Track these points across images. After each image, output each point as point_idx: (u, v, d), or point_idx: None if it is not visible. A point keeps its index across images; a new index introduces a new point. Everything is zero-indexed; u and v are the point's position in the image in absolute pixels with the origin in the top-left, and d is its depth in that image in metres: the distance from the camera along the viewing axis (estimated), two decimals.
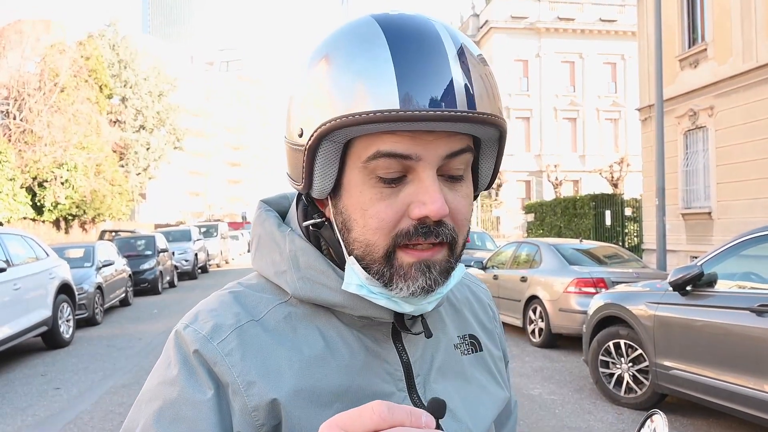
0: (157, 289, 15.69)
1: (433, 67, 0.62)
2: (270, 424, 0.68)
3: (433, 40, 0.64)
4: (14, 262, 7.76)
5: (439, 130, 0.65)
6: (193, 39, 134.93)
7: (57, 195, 22.91)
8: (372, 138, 0.65)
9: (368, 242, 0.68)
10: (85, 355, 8.14)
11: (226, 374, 0.68)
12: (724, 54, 13.28)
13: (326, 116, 0.64)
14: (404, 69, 0.62)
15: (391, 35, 0.64)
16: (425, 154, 0.65)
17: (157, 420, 0.66)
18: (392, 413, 0.45)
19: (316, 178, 0.69)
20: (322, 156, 0.68)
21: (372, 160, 0.65)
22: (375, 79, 0.62)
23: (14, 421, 5.35)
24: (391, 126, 0.63)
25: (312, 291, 0.73)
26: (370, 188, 0.67)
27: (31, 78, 23.89)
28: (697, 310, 4.59)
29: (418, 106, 0.61)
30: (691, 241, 14.37)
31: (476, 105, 0.63)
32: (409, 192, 0.66)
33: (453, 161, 0.67)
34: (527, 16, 37.04)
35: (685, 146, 14.78)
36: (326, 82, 0.65)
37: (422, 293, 0.67)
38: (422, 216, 0.65)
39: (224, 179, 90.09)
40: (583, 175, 36.19)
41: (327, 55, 0.67)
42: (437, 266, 0.68)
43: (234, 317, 0.72)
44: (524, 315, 8.55)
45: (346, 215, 0.69)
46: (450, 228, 0.67)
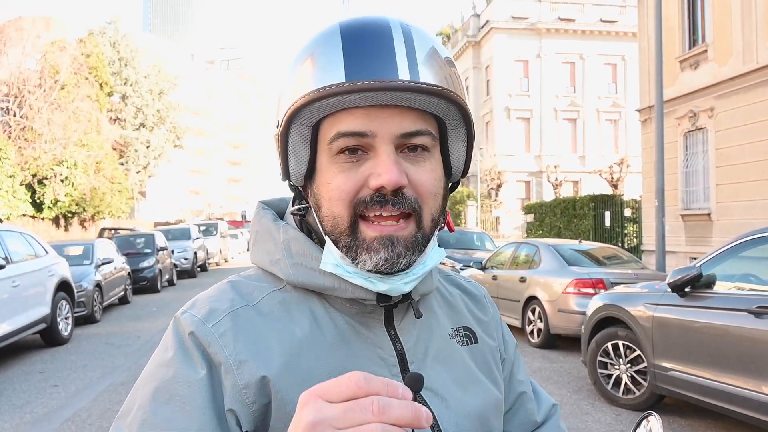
0: (156, 287, 15.69)
1: (378, 48, 0.68)
2: (260, 402, 0.70)
3: (381, 28, 0.70)
4: (13, 259, 7.76)
5: (390, 103, 0.69)
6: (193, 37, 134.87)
7: (57, 192, 22.88)
8: (333, 120, 0.72)
9: (334, 215, 0.73)
10: (83, 353, 8.13)
11: (218, 354, 0.71)
12: (725, 55, 13.28)
13: (290, 103, 0.72)
14: (350, 50, 0.68)
15: (345, 28, 0.71)
16: (380, 130, 0.70)
17: (152, 399, 0.69)
18: (369, 383, 0.47)
19: (291, 163, 0.76)
20: (292, 140, 0.74)
21: (334, 141, 0.71)
22: (325, 63, 0.69)
23: (12, 418, 5.35)
24: (341, 100, 0.69)
25: (304, 276, 0.77)
26: (334, 165, 0.72)
27: (32, 75, 23.86)
28: (696, 312, 4.59)
29: (360, 79, 0.67)
30: (691, 242, 14.38)
31: (419, 77, 0.68)
32: (368, 166, 0.71)
33: (411, 140, 0.72)
34: (528, 17, 37.04)
35: (684, 147, 14.78)
36: (291, 77, 0.74)
37: (385, 265, 0.71)
38: (378, 186, 0.69)
39: (224, 178, 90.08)
40: (582, 175, 36.20)
41: (295, 57, 0.75)
42: (402, 241, 0.71)
43: (229, 302, 0.76)
44: (523, 315, 8.55)
45: (317, 195, 0.75)
46: (411, 198, 0.71)
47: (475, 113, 39.07)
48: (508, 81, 36.80)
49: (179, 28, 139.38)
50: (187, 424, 0.67)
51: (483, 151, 34.44)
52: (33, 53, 24.52)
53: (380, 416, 0.45)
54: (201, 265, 22.24)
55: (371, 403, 0.46)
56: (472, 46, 39.41)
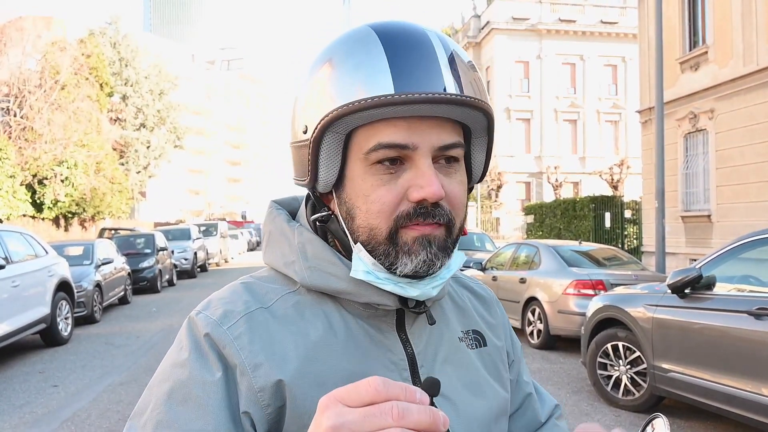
0: (156, 287, 15.68)
1: (423, 58, 0.69)
2: (275, 405, 0.71)
3: (421, 37, 0.71)
4: (13, 259, 7.76)
5: (432, 115, 0.70)
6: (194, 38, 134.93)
7: (57, 192, 22.88)
8: (372, 129, 0.71)
9: (371, 226, 0.72)
10: (83, 353, 8.13)
11: (234, 356, 0.71)
12: (725, 57, 13.28)
13: (328, 109, 0.70)
14: (396, 60, 0.68)
15: (384, 35, 0.71)
16: (421, 143, 0.70)
17: (167, 400, 0.70)
18: (387, 388, 0.48)
19: (321, 170, 0.74)
20: (325, 148, 0.73)
21: (373, 151, 0.70)
22: (371, 71, 0.68)
23: (11, 419, 5.35)
24: (387, 111, 0.68)
25: (319, 279, 0.77)
26: (371, 176, 0.72)
27: (32, 75, 23.87)
28: (696, 313, 4.59)
29: (410, 91, 0.67)
30: (691, 243, 14.38)
31: (463, 90, 0.69)
32: (408, 177, 0.71)
33: (447, 152, 0.73)
34: (528, 18, 37.05)
35: (685, 149, 14.78)
36: (327, 81, 0.72)
37: (424, 267, 0.72)
38: (420, 198, 0.70)
39: (224, 178, 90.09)
40: (583, 176, 36.19)
41: (327, 58, 0.73)
42: (436, 241, 0.72)
43: (244, 304, 0.76)
44: (523, 316, 8.55)
45: (349, 204, 0.74)
46: (447, 210, 0.72)
47: None
48: (509, 82, 36.80)
49: (180, 29, 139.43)
50: (202, 425, 0.67)
51: None
52: (33, 53, 24.54)
53: (400, 421, 0.46)
54: (201, 266, 22.22)
55: (391, 407, 0.47)
56: (472, 47, 39.41)
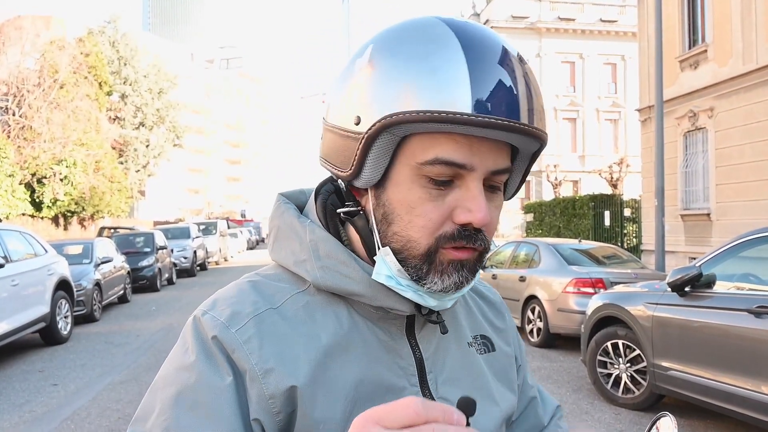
0: (156, 286, 15.68)
1: (504, 77, 0.64)
2: (286, 411, 0.69)
3: (502, 51, 0.66)
4: (12, 258, 7.75)
5: (496, 138, 0.66)
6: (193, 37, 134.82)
7: (56, 191, 22.87)
8: (430, 139, 0.66)
9: (410, 238, 0.69)
10: (82, 352, 8.13)
11: (244, 361, 0.68)
12: (725, 55, 13.28)
13: (392, 108, 0.64)
14: (478, 74, 0.63)
15: (464, 39, 0.65)
16: (478, 165, 0.67)
17: (174, 405, 0.67)
18: (427, 410, 0.47)
19: (366, 167, 0.69)
20: (378, 147, 0.68)
21: (429, 164, 0.66)
22: (449, 80, 0.63)
23: (11, 417, 5.34)
24: (455, 128, 0.64)
25: (332, 280, 0.74)
26: (420, 188, 0.68)
27: (31, 74, 23.84)
28: (696, 311, 4.59)
29: (488, 113, 0.62)
30: (690, 242, 14.38)
31: (534, 119, 0.66)
32: (456, 197, 0.68)
33: (498, 177, 0.70)
34: (528, 16, 37.03)
35: (684, 147, 14.78)
36: (394, 74, 0.65)
37: (454, 289, 0.70)
38: (467, 222, 0.67)
39: (224, 177, 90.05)
40: (582, 175, 36.19)
41: (393, 47, 0.67)
42: (468, 264, 0.71)
43: (252, 305, 0.73)
44: (523, 315, 8.55)
45: (388, 209, 0.70)
46: (485, 236, 0.71)
47: None
48: None
49: (178, 28, 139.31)
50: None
51: None
52: (32, 52, 24.51)
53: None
54: (200, 264, 22.22)
55: (431, 430, 0.46)
56: None
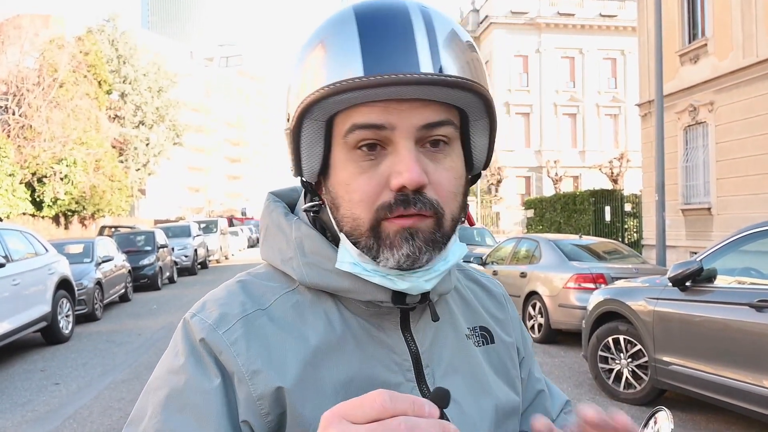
0: (157, 284, 15.69)
1: (397, 36, 0.64)
2: (275, 412, 0.68)
3: (400, 15, 0.66)
4: (13, 257, 7.75)
5: (409, 97, 0.65)
6: (192, 35, 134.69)
7: (56, 191, 22.86)
8: (349, 113, 0.67)
9: (354, 216, 0.69)
10: (84, 351, 8.14)
11: (231, 363, 0.68)
12: (725, 49, 13.25)
13: (302, 97, 0.68)
14: (369, 41, 0.64)
15: (361, 15, 0.66)
16: (399, 123, 0.66)
17: (164, 408, 0.67)
18: (394, 403, 0.45)
19: (303, 159, 0.72)
20: (305, 136, 0.70)
21: (349, 133, 0.67)
22: (342, 54, 0.65)
23: (14, 416, 5.35)
24: (358, 95, 0.64)
25: (317, 276, 0.73)
26: (352, 163, 0.68)
27: (30, 73, 23.82)
28: (697, 306, 4.59)
29: (381, 72, 0.63)
30: (691, 236, 14.37)
31: (443, 69, 0.64)
32: (388, 164, 0.67)
33: (432, 132, 0.67)
34: (527, 12, 36.98)
35: (685, 142, 14.77)
36: (303, 68, 0.69)
37: (407, 261, 0.67)
38: (400, 185, 0.65)
39: (224, 175, 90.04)
40: (582, 170, 36.18)
41: (305, 45, 0.71)
42: (421, 235, 0.68)
43: (240, 306, 0.73)
44: (524, 311, 8.55)
45: (333, 193, 0.71)
46: (432, 199, 0.67)
47: None
48: (508, 76, 36.75)
49: (178, 26, 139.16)
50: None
51: None
52: (31, 51, 24.48)
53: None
54: (201, 263, 22.23)
55: (398, 424, 0.44)
56: None
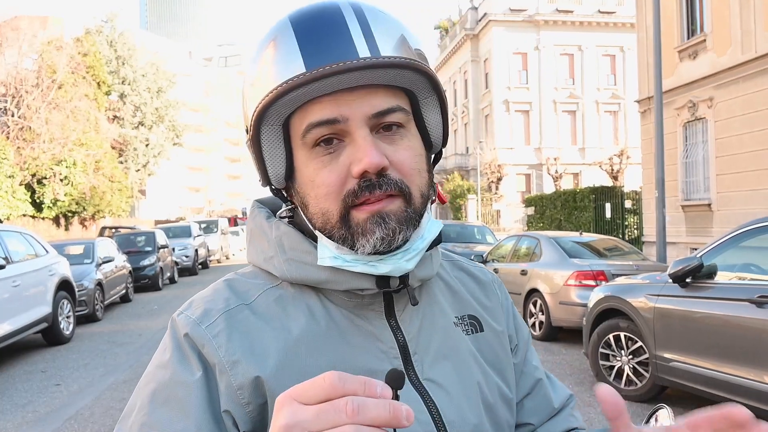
0: (158, 285, 15.71)
1: (331, 30, 0.67)
2: (256, 402, 0.70)
3: (330, 10, 0.69)
4: (14, 258, 7.75)
5: (353, 85, 0.68)
6: (190, 35, 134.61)
7: (56, 192, 22.87)
8: (302, 112, 0.70)
9: (323, 211, 0.71)
10: (85, 352, 8.14)
11: (213, 355, 0.70)
12: (723, 45, 13.24)
13: (254, 106, 0.71)
14: (306, 39, 0.67)
15: (295, 19, 0.70)
16: (350, 114, 0.69)
17: (151, 401, 0.70)
18: (344, 383, 0.45)
19: (268, 166, 0.75)
20: (265, 143, 0.73)
21: (307, 133, 0.70)
22: (282, 57, 0.68)
23: (14, 417, 5.36)
24: (305, 91, 0.67)
25: (298, 271, 0.75)
26: (313, 160, 0.71)
27: (29, 75, 23.81)
28: (697, 302, 4.59)
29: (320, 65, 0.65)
30: (691, 233, 14.37)
31: (379, 52, 0.67)
32: (347, 154, 0.69)
33: (384, 119, 0.70)
34: (526, 9, 36.93)
35: (684, 138, 14.76)
36: (251, 81, 0.73)
37: (383, 245, 0.70)
38: (361, 171, 0.68)
39: (224, 175, 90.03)
40: (582, 167, 36.15)
41: (251, 60, 0.74)
42: (392, 216, 0.70)
43: (224, 302, 0.75)
44: (524, 308, 8.55)
45: (302, 193, 0.74)
46: (396, 179, 0.70)
47: (473, 106, 39.04)
48: (507, 74, 36.71)
49: (176, 26, 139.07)
50: (184, 425, 0.67)
51: (483, 145, 34.39)
52: (30, 53, 24.47)
53: (354, 417, 0.43)
54: (202, 263, 22.26)
55: (345, 403, 0.44)
56: (470, 39, 39.29)
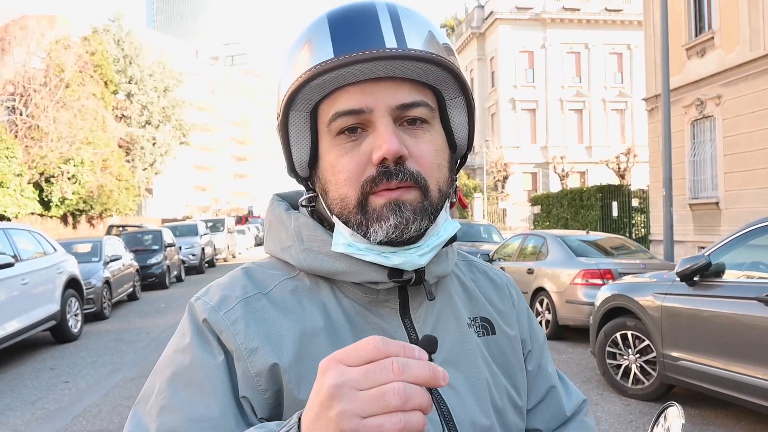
0: (165, 283, 15.76)
1: (364, 22, 0.70)
2: (272, 389, 0.71)
3: (365, 7, 0.72)
4: (22, 257, 7.80)
5: (380, 75, 0.70)
6: (197, 34, 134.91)
7: (64, 190, 22.99)
8: (330, 100, 0.72)
9: (342, 196, 0.73)
10: (93, 349, 8.19)
11: (230, 342, 0.72)
12: (732, 42, 13.15)
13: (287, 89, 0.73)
14: (338, 30, 0.70)
15: (331, 14, 0.73)
16: (376, 104, 0.70)
17: (171, 384, 0.71)
18: (387, 345, 0.49)
19: (293, 152, 0.77)
20: (293, 128, 0.75)
21: (332, 121, 0.72)
22: (315, 47, 0.71)
23: (24, 414, 5.40)
24: (332, 77, 0.69)
25: (314, 261, 0.77)
26: (336, 147, 0.73)
27: (37, 74, 23.94)
28: (705, 301, 4.57)
29: (348, 53, 0.68)
30: (699, 231, 14.30)
31: (407, 44, 0.69)
32: (369, 142, 0.71)
33: (408, 112, 0.72)
34: (532, 7, 36.80)
35: (692, 136, 14.68)
36: (285, 68, 0.75)
37: (396, 231, 0.71)
38: (380, 158, 0.69)
39: (230, 173, 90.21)
40: (589, 166, 36.03)
41: (287, 50, 0.77)
42: (408, 205, 0.71)
43: (242, 290, 0.77)
44: (531, 307, 8.53)
45: (323, 179, 0.76)
46: (414, 170, 0.71)
47: (480, 105, 38.91)
48: (513, 72, 36.61)
49: (183, 25, 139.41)
50: (206, 408, 0.68)
51: (489, 143, 34.32)
52: (38, 52, 24.60)
53: (400, 375, 0.47)
54: (209, 261, 22.32)
55: (391, 363, 0.48)
56: (476, 37, 39.21)
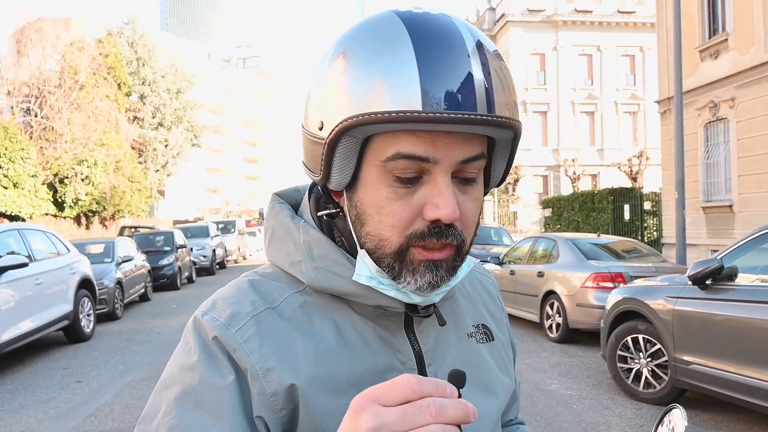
0: (176, 284, 15.86)
1: (455, 69, 0.63)
2: (288, 408, 0.70)
3: (455, 42, 0.65)
4: (36, 257, 7.88)
5: (459, 131, 0.66)
6: (209, 37, 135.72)
7: (77, 191, 23.19)
8: (392, 137, 0.66)
9: (381, 237, 0.69)
10: (105, 349, 8.25)
11: (245, 360, 0.70)
12: (746, 44, 13.04)
13: (347, 112, 0.65)
14: (427, 70, 0.63)
15: (415, 35, 0.64)
16: (442, 158, 0.66)
17: (179, 404, 0.68)
18: (422, 385, 0.49)
19: (334, 171, 0.70)
20: (341, 150, 0.69)
21: (391, 160, 0.66)
22: (398, 78, 0.63)
23: (37, 413, 5.45)
24: (411, 126, 0.64)
25: (327, 281, 0.74)
26: (387, 186, 0.68)
27: (52, 76, 24.19)
28: (717, 304, 4.53)
29: (439, 108, 0.62)
30: (712, 234, 14.17)
31: (495, 108, 0.65)
32: (424, 193, 0.67)
33: (468, 166, 0.68)
34: (544, 9, 36.67)
35: (705, 138, 14.57)
36: (346, 79, 0.66)
37: (428, 288, 0.70)
38: (435, 218, 0.67)
39: (241, 175, 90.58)
40: (601, 169, 35.81)
41: (348, 50, 0.68)
42: (444, 265, 0.70)
43: (251, 305, 0.74)
44: (541, 310, 8.49)
45: (360, 209, 0.71)
46: (459, 231, 0.69)
47: None
48: (525, 74, 36.49)
49: (195, 28, 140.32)
50: (218, 430, 0.66)
51: None
52: (53, 54, 24.85)
53: (437, 417, 0.48)
54: (220, 263, 22.43)
55: (428, 405, 0.48)
56: None
